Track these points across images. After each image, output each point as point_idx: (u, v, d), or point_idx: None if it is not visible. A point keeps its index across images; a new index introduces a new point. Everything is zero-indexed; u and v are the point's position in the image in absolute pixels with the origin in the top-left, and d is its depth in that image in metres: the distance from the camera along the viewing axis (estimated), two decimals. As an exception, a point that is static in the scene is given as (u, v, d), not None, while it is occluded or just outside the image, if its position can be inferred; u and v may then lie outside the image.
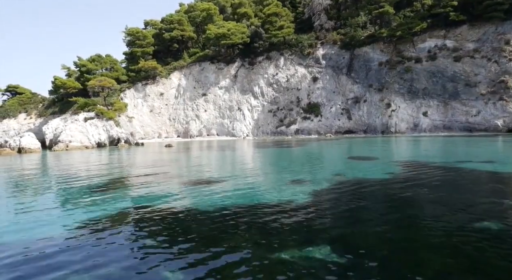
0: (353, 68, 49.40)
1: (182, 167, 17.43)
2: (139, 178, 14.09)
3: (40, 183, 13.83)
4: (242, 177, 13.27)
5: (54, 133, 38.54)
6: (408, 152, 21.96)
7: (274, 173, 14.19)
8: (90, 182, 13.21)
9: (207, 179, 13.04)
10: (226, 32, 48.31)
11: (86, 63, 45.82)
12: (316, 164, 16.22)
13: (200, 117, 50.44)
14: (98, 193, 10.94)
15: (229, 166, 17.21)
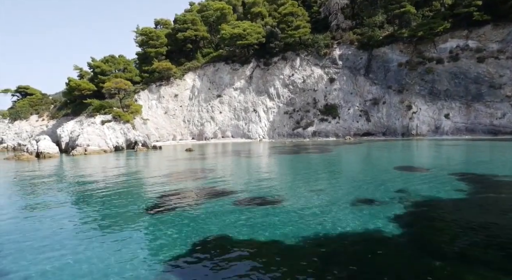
0: (371, 69, 48.42)
1: (220, 180, 16.58)
2: (186, 197, 13.25)
3: (89, 210, 13.02)
4: (295, 195, 12.42)
5: (70, 136, 37.79)
6: (455, 160, 21.06)
7: (327, 189, 13.32)
8: (141, 204, 12.37)
9: (258, 197, 12.20)
10: (242, 32, 47.38)
11: (100, 64, 44.99)
12: (366, 178, 15.36)
13: (215, 119, 49.61)
14: (158, 217, 10.11)
15: (271, 180, 16.35)
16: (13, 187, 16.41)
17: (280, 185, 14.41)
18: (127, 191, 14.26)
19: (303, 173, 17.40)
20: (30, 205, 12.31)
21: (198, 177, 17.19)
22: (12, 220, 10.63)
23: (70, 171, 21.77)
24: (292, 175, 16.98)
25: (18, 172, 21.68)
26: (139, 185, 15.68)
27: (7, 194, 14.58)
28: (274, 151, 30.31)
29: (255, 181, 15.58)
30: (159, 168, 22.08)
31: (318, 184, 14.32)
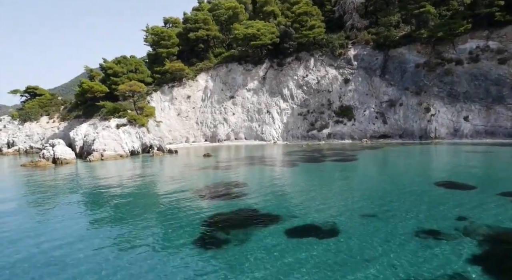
0: (387, 69, 47.54)
1: (257, 199, 15.93)
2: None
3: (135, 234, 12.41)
4: (349, 224, 11.77)
5: (85, 141, 37.22)
6: (494, 171, 20.39)
7: (379, 215, 12.63)
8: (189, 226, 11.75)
9: (309, 225, 11.57)
10: (256, 32, 46.49)
11: (112, 65, 44.21)
12: (412, 198, 14.70)
13: (228, 120, 48.92)
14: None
15: (312, 200, 15.71)
16: (57, 205, 15.76)
17: (324, 207, 13.75)
18: (163, 216, 13.63)
19: (342, 191, 16.75)
20: (88, 225, 11.69)
21: (231, 195, 16.54)
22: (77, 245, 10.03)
23: (95, 182, 21.17)
24: (331, 193, 16.32)
25: (47, 185, 21.07)
26: (174, 207, 15.03)
27: (54, 215, 13.93)
28: (295, 158, 29.63)
29: (295, 201, 14.93)
30: (184, 179, 21.44)
31: (365, 207, 13.66)
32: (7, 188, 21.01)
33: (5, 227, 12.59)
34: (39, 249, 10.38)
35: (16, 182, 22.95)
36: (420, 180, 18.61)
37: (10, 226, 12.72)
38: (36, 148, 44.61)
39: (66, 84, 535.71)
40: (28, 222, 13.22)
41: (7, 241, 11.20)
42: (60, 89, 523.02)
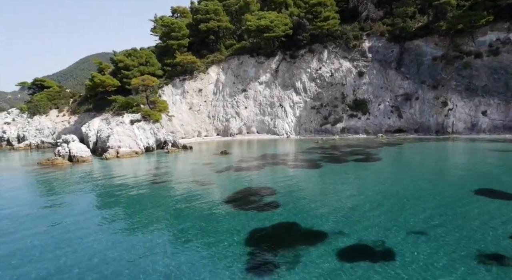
0: (403, 62, 46.52)
1: (292, 210, 15.49)
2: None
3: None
4: (400, 243, 11.32)
5: (99, 136, 36.71)
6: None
7: (428, 232, 12.15)
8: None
9: (359, 245, 11.13)
10: (269, 24, 45.32)
11: (123, 59, 43.25)
12: (457, 210, 14.22)
13: (240, 114, 48.24)
14: None
15: (353, 210, 15.25)
16: (89, 211, 15.36)
17: (369, 223, 13.26)
18: (202, 231, 13.21)
19: (378, 200, 16.26)
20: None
21: (265, 204, 16.08)
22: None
23: (118, 187, 20.74)
24: (369, 203, 15.82)
25: (74, 188, 20.64)
26: (209, 220, 14.60)
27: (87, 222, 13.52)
28: (316, 157, 29.12)
29: (335, 213, 14.45)
30: (209, 184, 20.97)
31: (410, 221, 13.18)
32: (36, 192, 20.59)
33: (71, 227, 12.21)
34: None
35: (42, 184, 22.54)
36: (456, 186, 18.12)
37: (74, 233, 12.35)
38: (47, 143, 44.19)
39: (64, 70, 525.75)
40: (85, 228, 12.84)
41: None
42: (58, 76, 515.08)
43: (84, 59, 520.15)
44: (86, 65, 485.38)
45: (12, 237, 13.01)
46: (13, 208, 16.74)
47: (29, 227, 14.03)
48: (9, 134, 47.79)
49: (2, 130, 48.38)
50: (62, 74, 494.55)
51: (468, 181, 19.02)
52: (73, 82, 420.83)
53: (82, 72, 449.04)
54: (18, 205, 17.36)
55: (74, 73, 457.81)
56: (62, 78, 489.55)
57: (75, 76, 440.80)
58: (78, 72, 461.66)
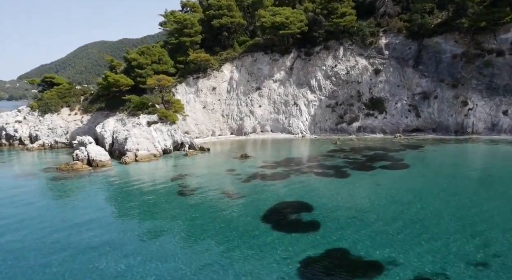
0: (421, 60, 45.53)
1: (342, 235, 15.05)
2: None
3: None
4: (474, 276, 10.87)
5: (115, 138, 36.21)
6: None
7: (492, 264, 11.71)
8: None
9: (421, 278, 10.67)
10: (285, 20, 44.24)
11: (136, 57, 42.38)
12: (508, 233, 13.72)
13: (254, 113, 47.54)
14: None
15: (407, 234, 14.78)
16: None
17: (422, 250, 12.81)
18: (249, 258, 12.78)
19: (423, 219, 15.78)
20: None
21: (304, 225, 15.64)
22: None
23: (145, 197, 20.31)
24: (413, 225, 15.30)
25: (102, 202, 20.19)
26: (252, 245, 14.16)
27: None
28: (340, 162, 28.62)
29: (382, 238, 14.00)
30: (238, 195, 20.52)
31: (466, 249, 12.69)
32: (68, 205, 20.11)
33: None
34: None
35: (71, 196, 22.07)
36: (504, 203, 17.55)
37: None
38: (61, 143, 43.67)
39: (63, 59, 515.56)
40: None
41: None
42: (56, 64, 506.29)
43: (82, 48, 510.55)
44: (84, 53, 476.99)
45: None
46: (55, 227, 16.34)
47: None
48: (21, 133, 47.22)
49: (14, 129, 47.80)
50: (61, 63, 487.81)
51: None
52: (72, 71, 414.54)
53: (80, 61, 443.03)
54: (64, 226, 16.69)
55: (72, 61, 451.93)
56: (60, 67, 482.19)
57: (74, 65, 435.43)
58: (77, 60, 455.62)
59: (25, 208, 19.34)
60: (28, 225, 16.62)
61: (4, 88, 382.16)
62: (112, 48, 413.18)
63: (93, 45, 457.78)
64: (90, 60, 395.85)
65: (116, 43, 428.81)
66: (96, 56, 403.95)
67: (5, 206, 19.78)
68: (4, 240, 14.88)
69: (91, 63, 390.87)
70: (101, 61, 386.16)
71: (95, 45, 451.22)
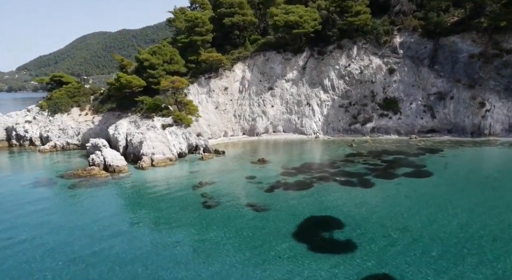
0: (437, 59, 44.80)
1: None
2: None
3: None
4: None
5: (129, 141, 35.81)
6: None
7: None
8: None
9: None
10: (298, 19, 43.44)
11: (149, 57, 41.70)
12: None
13: (266, 113, 47.02)
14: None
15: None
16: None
17: (472, 274, 12.46)
18: None
19: (465, 240, 15.38)
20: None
21: (342, 248, 15.16)
22: None
23: (168, 206, 20.00)
24: (457, 245, 14.96)
25: (127, 213, 19.89)
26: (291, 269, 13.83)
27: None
28: (361, 169, 28.25)
29: (431, 263, 13.63)
30: (265, 208, 20.18)
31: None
32: (97, 217, 19.72)
33: None
34: None
35: (97, 206, 21.74)
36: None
37: None
38: (73, 144, 43.36)
39: (62, 50, 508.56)
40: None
41: None
42: (55, 56, 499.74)
43: (81, 39, 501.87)
44: (83, 44, 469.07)
45: None
46: (85, 242, 16.07)
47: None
48: (31, 134, 46.89)
49: (24, 129, 47.48)
50: (59, 54, 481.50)
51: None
52: (71, 62, 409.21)
53: (79, 52, 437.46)
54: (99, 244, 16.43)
55: (71, 53, 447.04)
56: (59, 58, 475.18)
57: (73, 56, 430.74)
58: (76, 52, 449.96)
59: (49, 220, 19.09)
60: (59, 239, 16.38)
61: (3, 80, 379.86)
62: (111, 39, 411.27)
63: (92, 36, 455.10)
64: (89, 51, 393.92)
65: (115, 34, 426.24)
66: (95, 47, 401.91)
67: (28, 217, 19.54)
68: (34, 254, 14.64)
69: (90, 54, 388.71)
70: (100, 52, 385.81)
71: (94, 36, 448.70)
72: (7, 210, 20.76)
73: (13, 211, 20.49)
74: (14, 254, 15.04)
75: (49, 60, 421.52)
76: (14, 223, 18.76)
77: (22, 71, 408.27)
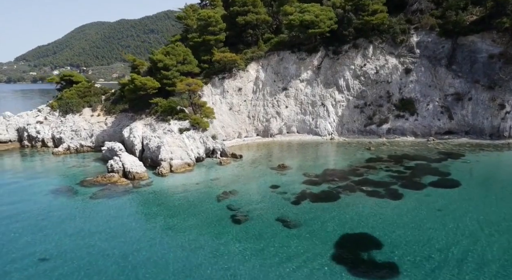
0: (455, 59, 43.97)
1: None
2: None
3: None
4: None
5: (146, 144, 35.41)
6: None
7: None
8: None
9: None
10: (315, 19, 42.56)
11: (162, 58, 40.99)
12: None
13: (281, 114, 46.47)
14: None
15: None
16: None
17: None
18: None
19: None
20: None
21: (386, 274, 14.79)
22: None
23: (195, 219, 19.69)
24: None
25: (153, 230, 19.57)
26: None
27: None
28: (385, 177, 27.86)
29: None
30: (291, 222, 19.85)
31: None
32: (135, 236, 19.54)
33: None
34: None
35: (122, 218, 21.43)
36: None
37: None
38: (87, 146, 42.97)
39: (60, 40, 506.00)
40: None
41: None
42: (53, 46, 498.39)
43: (79, 29, 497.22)
44: (81, 35, 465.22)
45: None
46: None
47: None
48: (43, 135, 46.54)
49: (36, 130, 47.12)
50: (58, 44, 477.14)
51: None
52: (70, 53, 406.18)
53: (78, 42, 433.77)
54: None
55: (69, 43, 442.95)
56: (57, 48, 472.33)
57: (71, 47, 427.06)
58: (74, 42, 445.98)
59: (82, 236, 18.84)
60: (96, 258, 16.13)
61: (2, 70, 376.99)
62: (110, 29, 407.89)
63: (90, 26, 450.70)
64: (88, 42, 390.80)
65: (114, 24, 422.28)
66: (94, 37, 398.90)
67: (56, 233, 19.31)
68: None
69: (89, 44, 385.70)
70: (99, 42, 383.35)
71: (93, 26, 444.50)
72: (39, 228, 20.35)
73: (43, 230, 20.06)
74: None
75: (47, 51, 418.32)
76: (49, 245, 18.43)
77: (20, 62, 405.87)
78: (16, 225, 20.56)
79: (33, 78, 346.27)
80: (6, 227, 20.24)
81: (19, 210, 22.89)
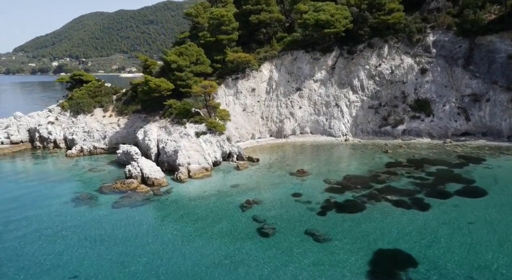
0: (472, 59, 43.23)
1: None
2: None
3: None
4: None
5: (162, 148, 35.13)
6: None
7: None
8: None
9: None
10: (330, 18, 41.80)
11: (176, 59, 40.38)
12: None
13: (294, 115, 46.00)
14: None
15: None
16: None
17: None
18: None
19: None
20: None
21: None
22: None
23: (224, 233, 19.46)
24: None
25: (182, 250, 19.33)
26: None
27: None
28: (408, 184, 27.57)
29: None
30: (321, 236, 19.61)
31: None
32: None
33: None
34: None
35: (147, 230, 21.24)
36: None
37: None
38: (100, 148, 42.66)
39: (58, 31, 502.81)
40: None
41: None
42: (51, 37, 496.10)
43: (78, 19, 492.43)
44: (80, 25, 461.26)
45: None
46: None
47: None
48: (55, 136, 46.26)
49: (48, 131, 46.84)
50: (56, 35, 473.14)
51: None
52: (69, 44, 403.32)
53: (77, 33, 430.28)
54: None
55: (68, 34, 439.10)
56: (56, 39, 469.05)
57: (70, 37, 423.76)
58: (73, 33, 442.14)
59: (114, 251, 18.67)
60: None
61: (1, 61, 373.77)
62: (109, 19, 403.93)
63: (89, 16, 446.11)
64: (86, 33, 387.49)
65: (113, 14, 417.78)
66: (92, 28, 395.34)
67: (84, 246, 19.14)
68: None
69: (88, 35, 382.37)
70: (98, 33, 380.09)
71: (91, 17, 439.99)
72: (64, 239, 20.18)
73: (65, 241, 19.95)
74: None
75: (46, 41, 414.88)
76: (71, 261, 18.27)
77: (19, 53, 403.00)
78: (54, 245, 19.89)
79: (32, 69, 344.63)
80: (43, 247, 19.65)
81: (47, 224, 22.21)
